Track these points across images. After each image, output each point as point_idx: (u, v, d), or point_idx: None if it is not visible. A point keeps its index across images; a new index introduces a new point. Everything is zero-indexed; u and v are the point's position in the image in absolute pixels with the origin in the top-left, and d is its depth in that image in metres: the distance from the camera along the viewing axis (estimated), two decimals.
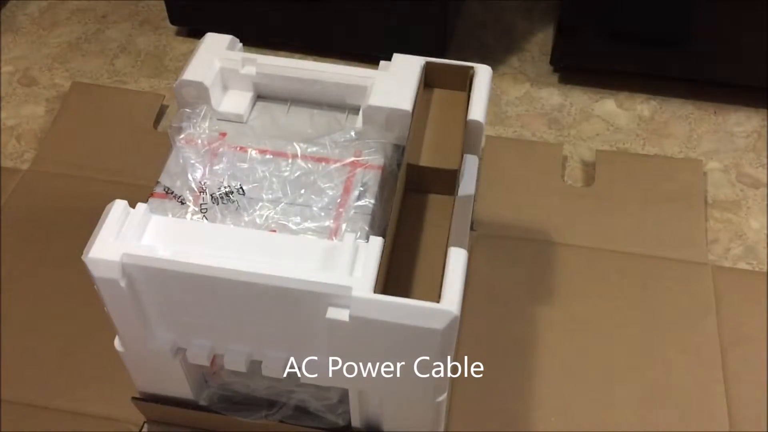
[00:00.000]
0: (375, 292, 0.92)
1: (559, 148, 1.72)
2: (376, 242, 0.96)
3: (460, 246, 1.00)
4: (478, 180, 1.44)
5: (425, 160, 1.12)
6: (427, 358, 0.97)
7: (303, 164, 1.12)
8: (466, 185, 1.15)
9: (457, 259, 0.97)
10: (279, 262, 0.95)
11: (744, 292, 1.47)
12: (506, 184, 1.65)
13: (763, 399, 1.33)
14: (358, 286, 0.92)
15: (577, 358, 1.38)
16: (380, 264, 0.95)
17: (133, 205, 1.00)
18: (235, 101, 1.20)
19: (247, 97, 1.21)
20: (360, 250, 0.96)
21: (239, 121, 1.19)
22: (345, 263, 0.94)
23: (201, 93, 1.16)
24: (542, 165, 1.69)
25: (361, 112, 1.15)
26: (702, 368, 1.37)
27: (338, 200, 1.08)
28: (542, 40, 2.00)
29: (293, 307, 0.96)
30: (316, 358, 1.03)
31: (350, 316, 0.92)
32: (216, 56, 1.19)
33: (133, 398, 1.23)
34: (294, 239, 1.02)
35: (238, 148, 1.14)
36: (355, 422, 1.17)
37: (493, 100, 1.83)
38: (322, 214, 1.07)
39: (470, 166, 1.17)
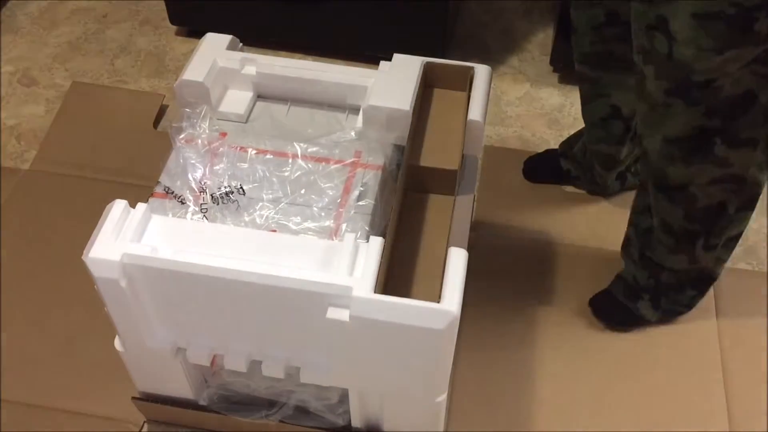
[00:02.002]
0: (375, 292, 0.92)
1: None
2: (377, 242, 0.96)
3: (460, 246, 0.99)
4: (478, 180, 1.45)
5: (425, 160, 1.12)
6: (428, 357, 0.98)
7: (303, 164, 1.12)
8: (467, 186, 1.15)
9: (457, 260, 0.97)
10: (279, 262, 0.95)
11: (744, 292, 1.47)
12: (506, 185, 1.65)
13: (763, 399, 1.33)
14: (359, 286, 0.92)
15: (577, 358, 1.38)
16: (380, 264, 0.95)
17: (133, 205, 1.00)
18: (235, 101, 1.20)
19: (247, 97, 1.21)
20: (360, 251, 0.96)
21: (240, 121, 1.19)
22: (345, 263, 0.94)
23: (201, 93, 1.16)
24: None
25: (361, 112, 1.15)
26: (702, 368, 1.37)
27: (338, 200, 1.08)
28: (542, 40, 2.00)
29: (293, 307, 0.96)
30: (316, 358, 1.03)
31: (350, 316, 0.92)
32: (216, 56, 1.19)
33: (133, 398, 1.23)
34: (294, 239, 1.02)
35: (238, 148, 1.14)
36: (355, 422, 1.17)
37: (493, 100, 1.83)
38: (323, 214, 1.07)
39: (470, 166, 1.18)
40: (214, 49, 1.20)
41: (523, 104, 1.84)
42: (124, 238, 0.96)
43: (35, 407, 1.30)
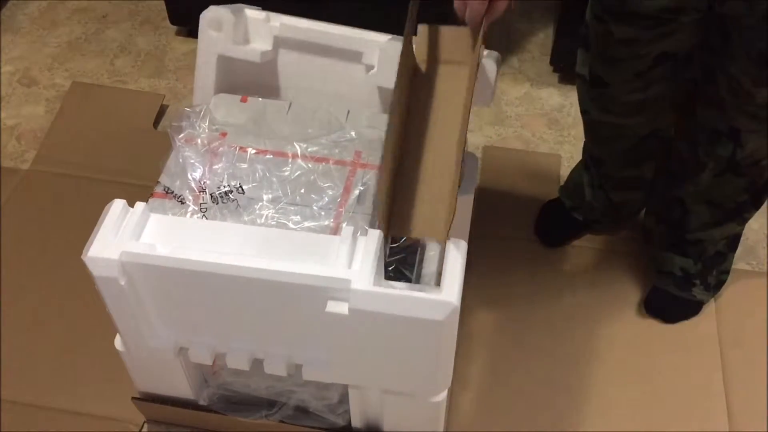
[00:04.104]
0: (374, 284, 0.92)
1: (556, 158, 1.71)
2: (375, 235, 0.95)
3: (460, 237, 0.99)
4: (478, 180, 1.45)
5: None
6: (428, 349, 0.97)
7: (303, 164, 1.12)
8: (467, 186, 1.15)
9: (456, 250, 0.97)
10: (278, 256, 0.95)
11: (744, 293, 1.47)
12: (506, 185, 1.65)
13: (763, 399, 1.33)
14: (357, 278, 0.91)
15: (577, 358, 1.38)
16: (379, 257, 0.94)
17: (132, 204, 1.00)
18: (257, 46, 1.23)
19: (269, 43, 1.23)
20: (359, 243, 0.95)
21: (264, 59, 1.22)
22: (344, 256, 0.93)
23: (225, 25, 1.19)
24: (540, 172, 1.69)
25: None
26: (702, 368, 1.37)
27: (338, 200, 1.08)
28: (542, 40, 2.00)
29: (293, 301, 0.95)
30: (317, 354, 1.03)
31: (350, 309, 0.92)
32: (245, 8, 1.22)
33: (133, 398, 1.23)
34: (293, 234, 1.02)
35: (237, 148, 1.14)
36: (355, 422, 1.17)
37: (494, 100, 1.83)
38: (322, 213, 1.07)
39: (470, 166, 1.17)
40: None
41: (523, 104, 1.84)
42: (123, 236, 0.96)
43: (35, 407, 1.30)
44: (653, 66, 1.15)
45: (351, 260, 0.94)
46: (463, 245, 0.97)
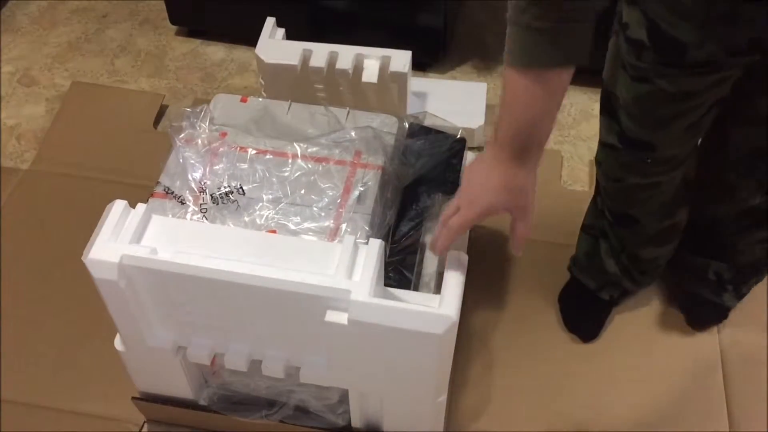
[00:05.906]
0: (374, 295, 0.92)
1: (557, 155, 1.71)
2: (376, 245, 0.96)
3: (460, 249, 0.99)
4: None
5: None
6: (427, 361, 0.97)
7: (303, 164, 1.12)
8: None
9: (456, 263, 0.97)
10: (278, 264, 0.95)
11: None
12: None
13: (763, 399, 1.33)
14: (357, 289, 0.91)
15: (577, 358, 1.38)
16: (379, 266, 0.94)
17: (133, 205, 1.00)
18: None
19: None
20: (360, 253, 0.96)
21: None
22: (344, 266, 0.93)
23: None
24: (541, 170, 1.68)
25: None
26: (702, 368, 1.37)
27: (338, 200, 1.08)
28: None
29: (292, 309, 0.95)
30: (316, 358, 1.03)
31: (349, 320, 0.92)
32: None
33: (133, 398, 1.23)
34: (293, 241, 1.02)
35: (238, 148, 1.14)
36: (355, 422, 1.17)
37: (494, 99, 1.83)
38: (322, 214, 1.07)
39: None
40: None
41: None
42: (124, 239, 0.96)
43: (35, 407, 1.30)
44: (706, 113, 1.05)
45: (351, 270, 0.94)
46: (464, 258, 0.97)
